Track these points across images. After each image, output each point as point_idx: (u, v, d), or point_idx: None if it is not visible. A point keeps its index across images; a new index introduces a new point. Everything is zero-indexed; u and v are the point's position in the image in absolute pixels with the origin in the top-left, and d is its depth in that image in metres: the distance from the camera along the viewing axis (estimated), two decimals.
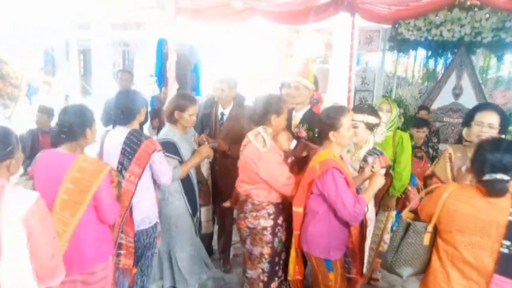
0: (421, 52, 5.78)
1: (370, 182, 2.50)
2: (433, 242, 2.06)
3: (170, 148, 2.93)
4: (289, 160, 2.93)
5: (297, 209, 2.59)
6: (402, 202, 3.41)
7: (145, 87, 8.12)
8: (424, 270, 2.12)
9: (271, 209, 2.79)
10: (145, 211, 2.78)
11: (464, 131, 2.66)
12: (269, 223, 2.79)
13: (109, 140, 2.81)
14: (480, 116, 2.54)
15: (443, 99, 5.57)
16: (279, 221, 2.83)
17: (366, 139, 2.92)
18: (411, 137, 4.13)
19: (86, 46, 14.52)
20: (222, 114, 3.83)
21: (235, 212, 3.40)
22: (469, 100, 5.42)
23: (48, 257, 1.74)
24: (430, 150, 4.47)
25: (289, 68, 11.31)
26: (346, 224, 2.50)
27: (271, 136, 2.76)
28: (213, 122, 3.90)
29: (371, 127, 2.91)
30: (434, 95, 5.61)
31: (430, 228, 2.03)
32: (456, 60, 5.42)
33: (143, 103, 2.88)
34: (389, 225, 3.49)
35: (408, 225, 2.13)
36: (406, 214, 2.20)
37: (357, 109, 2.90)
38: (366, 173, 2.61)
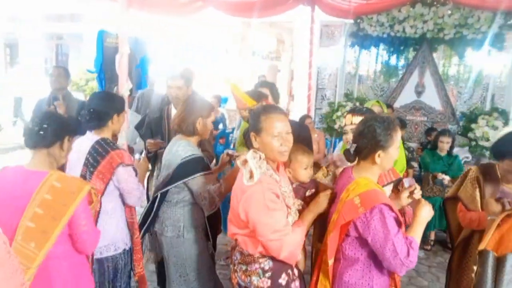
0: (383, 49, 5.60)
1: (415, 216, 1.92)
2: None
3: (200, 164, 2.40)
4: (308, 193, 2.25)
5: (331, 261, 1.90)
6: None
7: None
8: None
9: (266, 264, 1.95)
10: (110, 237, 2.35)
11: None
12: (265, 283, 1.95)
13: (74, 149, 2.38)
14: None
15: (406, 97, 5.43)
16: (282, 281, 1.96)
17: None
18: None
19: (12, 40, 13.14)
20: None
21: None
22: (431, 98, 5.34)
23: None
24: (406, 152, 4.24)
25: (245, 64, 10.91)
26: (390, 273, 1.91)
27: (275, 162, 1.98)
28: (166, 127, 3.39)
29: None
30: (396, 93, 5.47)
31: None
32: (418, 57, 5.31)
33: (118, 107, 2.43)
34: None
35: (497, 259, 1.90)
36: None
37: (356, 111, 2.46)
38: (403, 200, 2.06)
